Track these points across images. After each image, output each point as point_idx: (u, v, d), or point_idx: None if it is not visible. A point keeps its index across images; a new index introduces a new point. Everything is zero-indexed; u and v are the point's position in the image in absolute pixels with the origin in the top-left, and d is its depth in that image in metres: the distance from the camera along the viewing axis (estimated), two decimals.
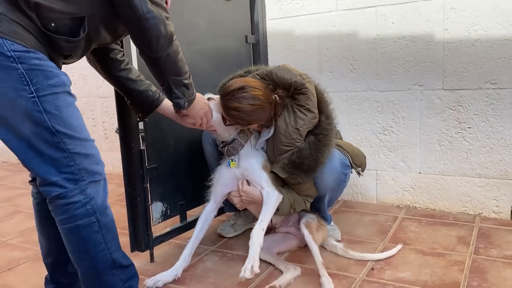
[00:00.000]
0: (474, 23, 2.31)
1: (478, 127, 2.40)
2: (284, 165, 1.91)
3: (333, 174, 2.02)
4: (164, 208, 2.22)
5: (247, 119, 1.86)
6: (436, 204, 2.59)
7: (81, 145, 1.33)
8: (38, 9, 1.24)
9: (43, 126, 1.26)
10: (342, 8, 2.65)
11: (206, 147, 2.22)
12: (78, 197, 1.33)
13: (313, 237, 1.95)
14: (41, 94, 1.24)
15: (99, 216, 1.38)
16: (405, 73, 2.54)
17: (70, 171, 1.31)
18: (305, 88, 1.89)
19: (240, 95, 1.81)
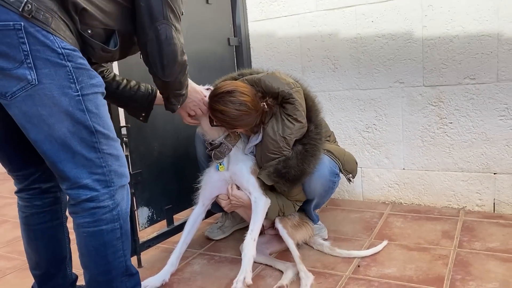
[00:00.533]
0: (451, 19, 2.35)
1: (459, 122, 2.43)
2: (269, 173, 1.92)
3: (321, 181, 2.03)
4: (150, 213, 2.21)
5: (232, 123, 1.87)
6: (421, 200, 2.62)
7: (113, 146, 1.34)
8: (83, 14, 1.27)
9: (84, 125, 1.26)
10: (322, 9, 2.67)
11: (198, 147, 2.21)
12: (107, 202, 1.33)
13: (287, 232, 1.97)
14: (85, 93, 1.25)
15: (122, 223, 1.38)
16: (386, 71, 2.57)
17: (102, 172, 1.31)
18: (292, 98, 1.89)
19: (227, 99, 1.82)
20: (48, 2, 1.19)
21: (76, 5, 1.25)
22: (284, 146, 1.91)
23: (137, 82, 1.83)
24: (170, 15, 1.40)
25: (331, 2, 2.64)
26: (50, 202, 1.59)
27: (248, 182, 1.97)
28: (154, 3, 1.37)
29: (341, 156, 2.14)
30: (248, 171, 1.99)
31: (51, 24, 1.19)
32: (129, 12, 1.41)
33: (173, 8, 1.41)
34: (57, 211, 1.61)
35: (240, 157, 2.02)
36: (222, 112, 1.83)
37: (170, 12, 1.40)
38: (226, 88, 1.85)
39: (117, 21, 1.39)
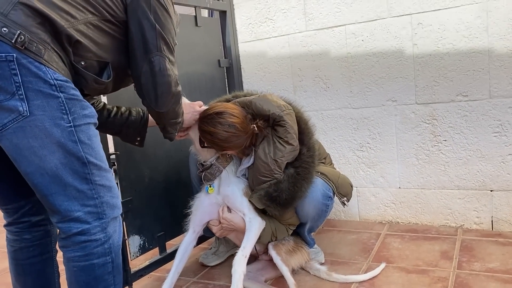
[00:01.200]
0: (441, 37, 2.34)
1: (453, 140, 2.41)
2: (260, 196, 1.90)
3: (314, 204, 2.00)
4: (142, 241, 2.16)
5: (221, 144, 1.85)
6: (418, 218, 2.58)
7: (105, 177, 1.31)
8: (77, 46, 1.27)
9: (76, 156, 1.23)
10: (312, 29, 2.67)
11: (192, 168, 2.18)
12: (99, 235, 1.29)
13: (281, 258, 1.93)
14: (77, 123, 1.23)
15: (114, 256, 1.34)
16: (378, 89, 2.55)
17: (94, 203, 1.27)
18: (283, 120, 1.88)
19: (216, 120, 1.82)
20: (41, 33, 1.18)
21: (70, 38, 1.24)
22: (275, 169, 1.88)
23: (128, 108, 1.81)
24: (164, 47, 1.40)
25: (321, 22, 2.63)
26: (40, 235, 1.55)
27: (242, 204, 1.94)
28: (148, 36, 1.37)
29: (335, 179, 2.11)
30: (240, 193, 1.96)
31: (44, 56, 1.18)
32: (122, 44, 1.40)
33: (167, 40, 1.42)
34: (47, 245, 1.57)
35: (232, 179, 1.99)
36: (211, 134, 1.83)
37: (164, 44, 1.40)
38: (216, 109, 1.85)
39: (111, 53, 1.38)
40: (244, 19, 2.87)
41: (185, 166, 2.38)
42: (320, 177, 2.03)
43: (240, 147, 1.89)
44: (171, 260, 2.32)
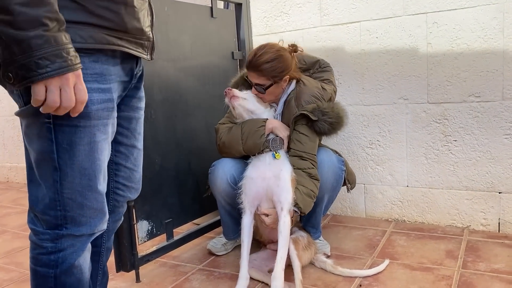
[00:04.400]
0: (456, 37, 2.34)
1: (463, 140, 2.40)
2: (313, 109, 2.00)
3: (332, 169, 2.08)
4: (150, 227, 2.19)
5: (280, 66, 1.99)
6: (425, 218, 2.59)
7: (82, 194, 1.12)
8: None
9: (49, 157, 1.07)
10: (327, 24, 2.67)
11: (221, 185, 2.13)
12: (46, 243, 1.13)
13: (297, 254, 1.94)
14: (58, 122, 1.05)
15: (59, 273, 1.15)
16: (390, 87, 2.55)
17: (54, 215, 1.12)
18: (329, 66, 2.23)
19: (263, 51, 1.98)
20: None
21: None
22: (322, 95, 2.06)
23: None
24: None
25: (336, 18, 2.64)
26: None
27: (286, 197, 1.90)
28: None
29: (346, 162, 2.20)
30: (289, 178, 1.94)
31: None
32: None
33: None
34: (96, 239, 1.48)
35: (286, 161, 2.01)
36: (267, 61, 1.97)
37: None
38: (254, 49, 2.03)
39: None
40: (259, 12, 2.88)
41: (195, 156, 2.41)
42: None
43: (292, 66, 2.05)
44: (178, 247, 2.37)
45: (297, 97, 2.06)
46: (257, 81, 2.01)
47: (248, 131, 2.02)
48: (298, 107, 2.04)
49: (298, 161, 2.00)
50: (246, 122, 2.06)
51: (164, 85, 2.23)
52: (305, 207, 1.94)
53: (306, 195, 1.94)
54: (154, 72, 2.17)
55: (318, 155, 2.06)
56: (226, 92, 2.01)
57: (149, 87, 2.14)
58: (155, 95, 2.19)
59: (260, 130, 2.00)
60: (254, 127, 2.02)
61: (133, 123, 1.32)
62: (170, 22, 2.25)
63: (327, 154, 2.10)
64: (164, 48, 2.22)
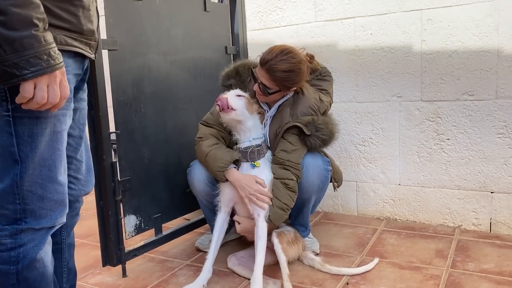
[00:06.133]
0: (451, 34, 2.31)
1: (456, 139, 2.38)
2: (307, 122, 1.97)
3: (317, 171, 2.03)
4: (138, 222, 2.17)
5: (294, 79, 1.91)
6: (416, 216, 2.57)
7: (42, 185, 1.11)
8: None
9: (8, 150, 1.06)
10: (321, 19, 2.65)
11: (199, 186, 2.14)
12: (5, 240, 1.11)
13: (282, 247, 1.93)
14: (17, 114, 1.04)
15: (20, 269, 1.13)
16: (384, 84, 2.53)
17: (13, 209, 1.10)
18: (330, 76, 2.15)
19: (286, 57, 1.88)
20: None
21: None
22: (319, 107, 2.01)
23: None
24: None
25: (330, 14, 2.61)
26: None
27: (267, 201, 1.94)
28: None
29: (331, 160, 2.15)
30: (269, 185, 1.97)
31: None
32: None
33: None
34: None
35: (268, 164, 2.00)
36: (285, 70, 1.87)
37: None
38: (277, 49, 1.91)
39: None
40: (254, 7, 2.86)
41: (185, 151, 2.38)
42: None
43: (303, 80, 1.99)
44: (167, 242, 2.35)
45: (294, 105, 2.02)
46: (266, 82, 1.93)
47: (211, 162, 1.99)
48: (293, 117, 2.01)
49: (278, 170, 1.98)
50: (213, 152, 1.99)
51: (154, 78, 2.21)
52: (276, 220, 1.94)
53: (278, 208, 1.93)
54: (145, 64, 2.14)
55: (303, 158, 2.02)
56: (219, 103, 1.89)
57: (139, 80, 2.13)
58: (145, 88, 2.16)
59: (219, 172, 1.95)
60: (216, 164, 1.96)
61: (77, 113, 1.31)
62: (162, 14, 2.23)
63: (312, 156, 2.04)
64: (155, 40, 2.20)
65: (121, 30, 2.03)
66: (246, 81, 2.12)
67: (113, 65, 2.00)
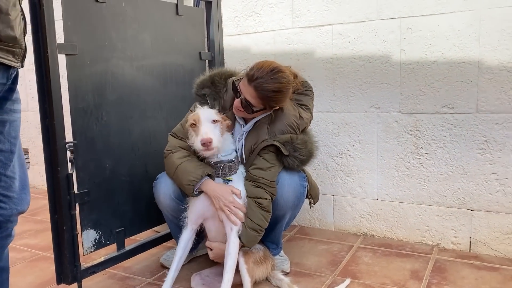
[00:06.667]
0: (431, 44, 2.21)
1: (435, 153, 2.28)
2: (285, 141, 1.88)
3: (293, 187, 1.94)
4: (98, 236, 2.05)
5: (280, 99, 1.82)
6: (394, 233, 2.46)
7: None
8: None
9: None
10: (298, 26, 2.55)
11: (165, 201, 2.02)
12: None
13: (247, 268, 1.83)
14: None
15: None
16: (362, 94, 2.42)
17: None
18: (311, 90, 2.05)
19: (276, 76, 1.77)
20: None
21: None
22: (300, 124, 1.93)
23: None
24: None
25: (308, 20, 2.51)
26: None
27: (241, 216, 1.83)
28: None
29: (308, 176, 2.06)
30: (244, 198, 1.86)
31: None
32: None
33: None
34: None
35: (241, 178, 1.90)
36: (275, 90, 1.77)
37: None
38: (268, 66, 1.79)
39: None
40: (230, 11, 2.75)
41: (152, 160, 2.27)
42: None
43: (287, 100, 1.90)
44: (130, 258, 2.23)
45: (272, 122, 1.93)
46: (250, 99, 1.80)
47: (181, 175, 1.86)
48: (270, 134, 1.92)
49: (251, 188, 1.88)
50: (185, 165, 1.86)
51: (119, 84, 2.10)
52: (248, 242, 1.84)
53: (250, 229, 1.83)
54: (108, 70, 2.04)
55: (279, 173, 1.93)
56: (207, 146, 1.73)
57: (101, 86, 2.03)
58: (108, 94, 2.06)
59: (189, 186, 1.82)
60: (187, 177, 1.83)
61: (6, 126, 1.22)
62: (128, 18, 2.12)
63: (288, 171, 1.94)
64: (120, 45, 2.09)
65: (81, 34, 1.92)
66: (221, 91, 2.01)
67: (71, 70, 1.89)
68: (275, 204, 1.93)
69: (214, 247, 1.94)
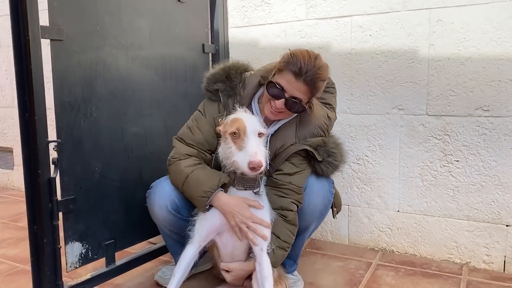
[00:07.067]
0: (464, 38, 1.98)
1: (467, 161, 2.04)
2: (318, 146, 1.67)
3: (322, 193, 1.73)
4: (84, 250, 1.80)
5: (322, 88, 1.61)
6: (417, 249, 2.21)
7: None
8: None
9: None
10: (313, 17, 2.31)
11: (160, 214, 1.76)
12: None
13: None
14: None
15: None
16: (383, 94, 2.19)
17: None
18: (334, 87, 1.85)
19: (322, 62, 1.56)
20: None
21: None
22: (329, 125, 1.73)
23: None
24: None
25: (324, 11, 2.27)
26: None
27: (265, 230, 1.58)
28: None
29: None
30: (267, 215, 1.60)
31: None
32: None
33: None
34: None
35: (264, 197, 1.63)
36: (324, 80, 1.57)
37: None
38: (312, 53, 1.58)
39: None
40: (237, 1, 2.52)
41: (149, 163, 2.03)
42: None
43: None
44: (121, 273, 1.97)
45: (301, 124, 1.69)
46: (300, 96, 1.55)
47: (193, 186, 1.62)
48: (299, 137, 1.68)
49: (275, 198, 1.63)
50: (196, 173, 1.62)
51: (111, 76, 1.85)
52: (276, 262, 1.63)
53: (278, 248, 1.63)
54: (99, 59, 1.79)
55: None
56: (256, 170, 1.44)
57: (91, 78, 1.78)
58: (99, 88, 1.81)
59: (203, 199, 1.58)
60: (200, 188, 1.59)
61: None
62: (123, 1, 1.87)
63: (316, 176, 1.73)
64: (113, 32, 1.84)
65: (69, 17, 1.67)
66: (237, 87, 1.73)
67: (56, 58, 1.64)
68: (300, 213, 1.70)
69: (233, 268, 1.67)
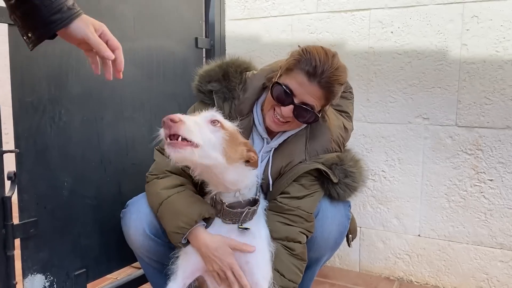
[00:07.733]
0: (504, 38, 1.79)
1: (502, 181, 1.84)
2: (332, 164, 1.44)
3: (338, 220, 1.51)
4: (48, 283, 1.56)
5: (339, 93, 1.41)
6: (440, 280, 2.01)
7: None
8: None
9: None
10: (325, 10, 2.13)
11: (137, 239, 1.50)
12: None
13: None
14: None
15: None
16: (405, 100, 1.98)
17: None
18: (351, 92, 1.64)
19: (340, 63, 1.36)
20: None
21: None
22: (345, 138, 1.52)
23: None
24: None
25: (338, 3, 2.07)
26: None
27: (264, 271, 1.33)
28: None
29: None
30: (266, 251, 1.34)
31: None
32: None
33: None
34: None
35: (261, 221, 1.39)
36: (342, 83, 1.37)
37: None
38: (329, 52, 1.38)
39: None
40: None
41: (129, 176, 1.80)
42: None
43: None
44: None
45: (311, 136, 1.47)
46: (312, 102, 1.34)
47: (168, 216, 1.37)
48: (310, 153, 1.46)
49: (279, 226, 1.37)
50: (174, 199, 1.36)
51: (85, 73, 1.59)
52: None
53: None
54: (71, 51, 1.52)
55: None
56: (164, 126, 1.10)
57: (60, 73, 1.54)
58: (70, 85, 1.57)
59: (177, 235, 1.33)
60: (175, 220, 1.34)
61: None
62: None
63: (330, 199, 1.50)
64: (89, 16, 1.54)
65: None
66: (236, 89, 1.46)
67: (16, 48, 1.39)
68: (311, 244, 1.47)
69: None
